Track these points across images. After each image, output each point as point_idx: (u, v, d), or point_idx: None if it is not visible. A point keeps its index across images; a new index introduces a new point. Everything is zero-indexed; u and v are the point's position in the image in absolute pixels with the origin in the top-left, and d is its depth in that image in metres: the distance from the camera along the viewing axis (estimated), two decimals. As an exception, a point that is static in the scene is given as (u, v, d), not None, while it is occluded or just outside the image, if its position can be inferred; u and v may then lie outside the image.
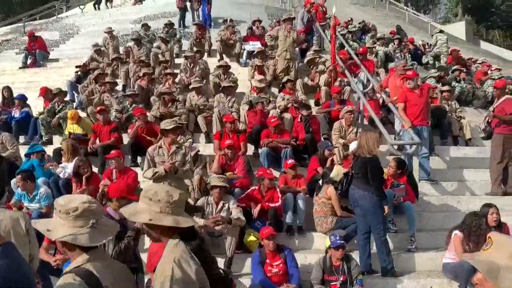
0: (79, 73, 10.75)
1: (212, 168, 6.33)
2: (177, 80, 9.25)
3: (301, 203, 5.76)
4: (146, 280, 3.94)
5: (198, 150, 6.82)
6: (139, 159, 7.10)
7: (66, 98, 9.13)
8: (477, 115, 9.81)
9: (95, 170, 6.66)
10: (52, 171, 6.57)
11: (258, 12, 15.58)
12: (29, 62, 12.81)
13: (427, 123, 7.07)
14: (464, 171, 7.45)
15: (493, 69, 12.42)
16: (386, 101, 8.23)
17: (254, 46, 10.88)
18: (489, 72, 12.13)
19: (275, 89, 9.40)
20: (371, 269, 5.11)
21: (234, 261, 5.18)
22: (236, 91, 8.93)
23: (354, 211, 5.32)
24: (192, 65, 9.65)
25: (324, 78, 8.95)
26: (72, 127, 7.69)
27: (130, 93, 8.63)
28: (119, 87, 9.65)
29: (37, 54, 12.77)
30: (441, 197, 6.75)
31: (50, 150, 7.35)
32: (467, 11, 32.23)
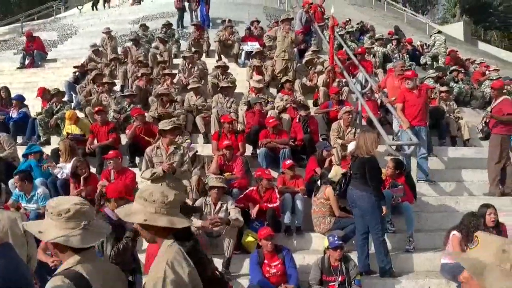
0: (77, 73, 10.73)
1: (210, 168, 6.32)
2: (175, 80, 9.24)
3: (299, 204, 5.76)
4: (143, 281, 3.93)
5: (196, 151, 6.82)
6: (137, 160, 7.09)
7: (64, 99, 9.10)
8: (475, 116, 9.82)
9: (93, 170, 6.65)
10: (50, 172, 6.57)
11: (256, 12, 15.58)
12: (27, 62, 12.79)
13: (425, 124, 7.08)
14: (462, 172, 7.46)
15: (491, 69, 12.46)
16: (384, 101, 8.23)
17: (252, 46, 10.87)
18: (487, 72, 12.17)
19: (274, 89, 9.41)
20: (369, 269, 5.11)
21: (232, 261, 5.17)
22: (234, 92, 8.93)
23: (352, 212, 5.31)
24: (190, 65, 9.65)
25: (322, 78, 8.94)
26: (70, 128, 7.68)
27: (128, 93, 8.60)
28: (117, 88, 9.64)
29: (35, 54, 12.75)
30: (439, 197, 6.76)
31: (48, 150, 7.33)
32: (465, 12, 32.31)
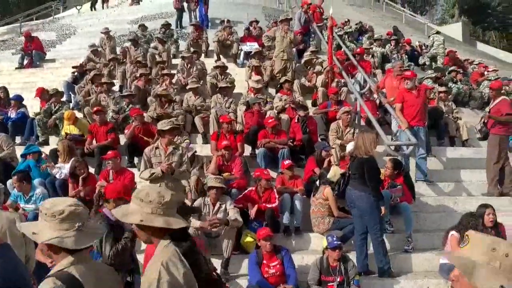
0: (76, 73, 10.72)
1: (209, 169, 6.32)
2: (174, 80, 9.24)
3: (298, 204, 5.76)
4: (142, 281, 3.93)
5: (195, 151, 6.81)
6: (136, 160, 7.08)
7: (63, 99, 9.08)
8: (473, 116, 9.83)
9: (92, 170, 6.64)
10: (48, 172, 6.55)
11: (255, 12, 15.58)
12: (25, 62, 12.77)
13: (424, 124, 7.07)
14: (460, 172, 7.47)
15: (489, 70, 12.47)
16: (383, 101, 8.23)
17: (251, 46, 10.86)
18: (485, 73, 12.17)
19: (272, 89, 9.41)
20: (368, 269, 5.12)
21: (231, 262, 5.17)
22: (233, 92, 8.93)
23: (351, 212, 5.32)
24: (189, 65, 9.65)
25: (321, 79, 8.95)
26: (68, 128, 7.67)
27: (127, 93, 8.60)
28: (116, 88, 9.63)
29: (33, 54, 12.74)
30: (437, 197, 6.76)
31: (46, 150, 7.30)
32: (464, 12, 32.35)
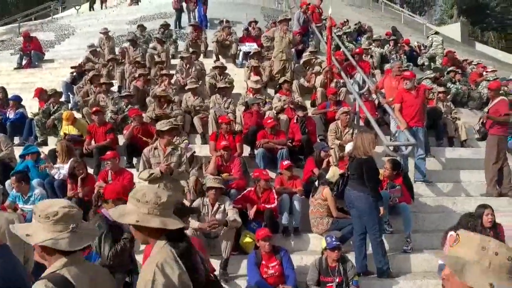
0: (75, 74, 10.71)
1: (208, 169, 6.32)
2: (173, 81, 9.23)
3: (297, 204, 5.76)
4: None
5: (194, 151, 6.81)
6: (135, 160, 7.07)
7: (61, 99, 9.07)
8: (472, 116, 9.84)
9: (91, 171, 6.64)
10: (47, 172, 6.54)
11: (254, 13, 15.57)
12: (24, 62, 12.76)
13: (423, 124, 7.08)
14: (459, 172, 7.48)
15: (488, 70, 12.49)
16: (382, 102, 8.24)
17: (250, 47, 10.87)
18: (484, 73, 12.20)
19: (271, 90, 9.41)
20: (367, 270, 5.11)
21: (230, 262, 5.16)
22: (232, 92, 8.93)
23: (350, 212, 5.32)
24: (188, 66, 9.64)
25: (320, 79, 8.95)
26: (67, 128, 7.66)
27: (125, 94, 8.59)
28: (115, 88, 9.61)
29: (32, 54, 12.72)
30: (436, 198, 6.77)
31: (45, 151, 7.28)
32: (462, 13, 32.38)
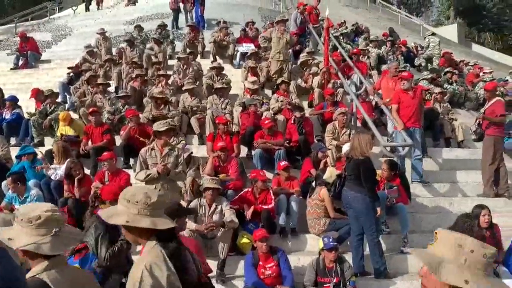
0: (71, 74, 10.68)
1: (205, 170, 6.30)
2: (170, 81, 9.22)
3: (294, 205, 5.75)
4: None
5: (191, 152, 6.80)
6: (132, 161, 7.05)
7: (58, 100, 9.05)
8: (469, 117, 9.87)
9: (87, 172, 6.61)
10: (43, 173, 6.52)
11: (251, 13, 15.57)
12: (20, 63, 12.73)
13: (420, 125, 7.09)
14: (456, 173, 7.49)
15: (485, 71, 12.54)
16: (379, 102, 8.25)
17: (247, 47, 10.88)
18: (480, 74, 12.24)
19: (269, 90, 9.41)
20: (364, 270, 5.11)
21: (227, 263, 5.16)
22: (229, 93, 8.93)
23: (347, 213, 5.32)
24: (185, 66, 9.63)
25: (317, 80, 8.95)
26: (64, 129, 7.63)
27: (122, 94, 8.57)
28: (112, 89, 9.60)
29: (28, 55, 12.69)
30: (433, 198, 6.78)
31: (41, 152, 7.28)
32: (459, 14, 32.51)
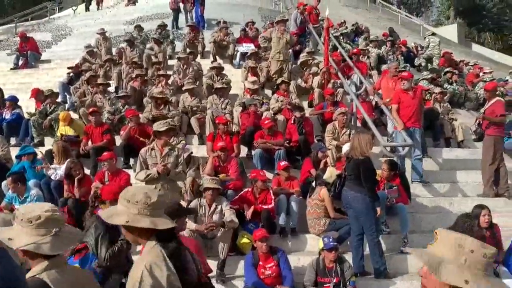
0: (71, 74, 10.68)
1: (205, 170, 6.30)
2: (170, 81, 9.22)
3: (294, 205, 5.75)
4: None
5: (191, 152, 6.80)
6: (132, 161, 7.05)
7: (58, 100, 9.05)
8: (469, 117, 9.87)
9: (87, 172, 6.61)
10: (44, 173, 6.52)
11: (251, 13, 15.57)
12: (20, 63, 12.72)
13: (420, 125, 7.09)
14: (456, 173, 7.49)
15: (486, 71, 12.53)
16: (379, 102, 8.25)
17: (247, 47, 10.87)
18: (480, 74, 12.24)
19: (269, 90, 9.41)
20: (364, 270, 5.11)
21: (227, 263, 5.16)
22: (229, 93, 8.93)
23: (347, 213, 5.32)
24: (185, 66, 9.63)
25: (317, 80, 8.95)
26: (64, 129, 7.63)
27: (122, 94, 8.57)
28: (112, 89, 9.60)
29: (28, 55, 12.69)
30: (433, 198, 6.78)
31: (41, 152, 7.28)
32: (459, 14, 32.50)
